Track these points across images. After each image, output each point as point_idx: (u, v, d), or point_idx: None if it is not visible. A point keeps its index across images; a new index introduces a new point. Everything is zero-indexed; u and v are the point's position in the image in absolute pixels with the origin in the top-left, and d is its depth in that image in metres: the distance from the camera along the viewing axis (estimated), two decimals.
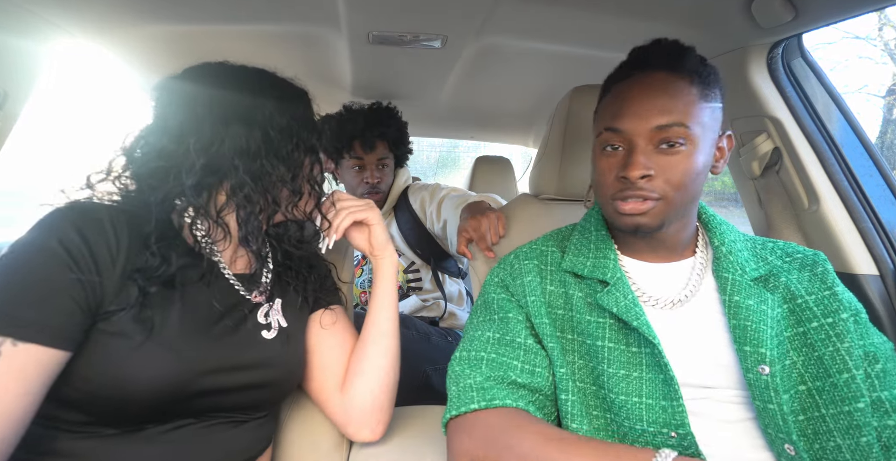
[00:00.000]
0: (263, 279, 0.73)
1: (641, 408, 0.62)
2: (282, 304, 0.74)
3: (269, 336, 0.69)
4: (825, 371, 0.62)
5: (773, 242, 0.75)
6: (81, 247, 0.53)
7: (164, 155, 0.62)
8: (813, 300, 0.65)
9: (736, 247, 0.70)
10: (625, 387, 0.63)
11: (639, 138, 0.63)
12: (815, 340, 0.63)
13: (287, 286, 0.77)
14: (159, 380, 0.56)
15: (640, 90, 0.64)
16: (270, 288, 0.74)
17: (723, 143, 0.70)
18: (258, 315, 0.70)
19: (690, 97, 0.63)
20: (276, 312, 0.72)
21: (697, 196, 0.68)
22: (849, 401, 0.60)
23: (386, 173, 1.57)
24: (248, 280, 0.71)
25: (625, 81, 0.67)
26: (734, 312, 0.64)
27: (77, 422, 0.56)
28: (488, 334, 0.70)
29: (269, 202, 0.66)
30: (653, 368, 0.63)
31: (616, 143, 0.65)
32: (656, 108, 0.62)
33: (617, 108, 0.65)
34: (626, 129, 0.63)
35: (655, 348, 0.62)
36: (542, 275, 0.74)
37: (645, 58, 0.67)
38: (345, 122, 1.51)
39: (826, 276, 0.68)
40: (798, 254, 0.72)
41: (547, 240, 0.79)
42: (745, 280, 0.66)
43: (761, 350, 0.61)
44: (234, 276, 0.69)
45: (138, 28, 1.10)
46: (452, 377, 0.68)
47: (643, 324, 0.63)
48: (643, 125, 0.62)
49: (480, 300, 0.77)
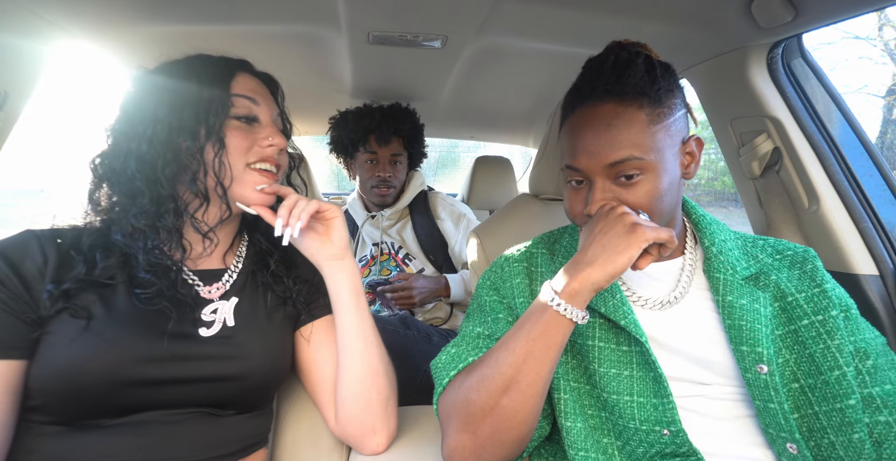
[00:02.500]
0: (224, 278, 0.73)
1: (633, 407, 0.63)
2: (237, 304, 0.72)
3: (207, 333, 0.68)
4: (817, 368, 0.62)
5: (763, 240, 0.75)
6: (6, 269, 0.60)
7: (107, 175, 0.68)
8: (803, 298, 0.66)
9: (726, 247, 0.71)
10: (616, 385, 0.64)
11: (595, 176, 0.64)
12: (806, 338, 0.64)
13: (259, 287, 0.76)
14: (96, 368, 0.60)
15: (589, 126, 0.64)
16: (231, 287, 0.73)
17: (690, 147, 0.69)
18: (204, 311, 0.69)
19: (640, 126, 0.62)
20: (227, 311, 0.71)
21: (675, 203, 0.68)
22: (840, 398, 0.60)
23: (399, 169, 1.59)
24: (211, 276, 0.72)
25: (575, 115, 0.67)
26: (728, 312, 0.65)
27: (40, 422, 0.62)
28: (478, 329, 0.71)
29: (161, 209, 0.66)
30: (642, 367, 0.64)
31: (577, 178, 0.66)
32: (606, 144, 0.62)
33: (570, 145, 0.66)
34: (582, 167, 0.64)
35: (643, 346, 0.63)
36: (532, 276, 0.75)
37: (593, 87, 0.65)
38: (362, 116, 1.55)
39: (815, 273, 0.68)
40: (788, 252, 0.72)
41: (537, 243, 0.80)
42: (737, 279, 0.67)
43: (758, 349, 0.62)
44: (194, 272, 0.71)
45: (138, 28, 1.10)
46: (434, 368, 0.69)
47: (631, 323, 0.63)
48: (596, 163, 0.63)
49: (474, 303, 0.78)
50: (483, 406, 0.59)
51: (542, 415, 0.67)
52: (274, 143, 0.70)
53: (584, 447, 0.63)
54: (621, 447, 0.64)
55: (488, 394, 0.59)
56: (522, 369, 0.58)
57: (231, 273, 0.74)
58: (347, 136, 1.58)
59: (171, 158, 0.65)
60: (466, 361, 0.66)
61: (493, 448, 0.60)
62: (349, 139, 1.58)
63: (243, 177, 0.68)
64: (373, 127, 1.53)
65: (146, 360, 0.62)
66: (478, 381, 0.61)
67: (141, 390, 0.62)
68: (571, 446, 0.63)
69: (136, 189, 0.65)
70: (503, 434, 0.59)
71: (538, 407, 0.61)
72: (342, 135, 1.60)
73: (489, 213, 2.34)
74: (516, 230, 1.02)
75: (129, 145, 0.66)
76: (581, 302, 0.59)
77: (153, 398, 0.63)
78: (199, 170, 0.66)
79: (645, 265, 0.60)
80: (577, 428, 0.64)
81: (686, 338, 0.66)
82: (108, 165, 0.67)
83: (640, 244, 0.57)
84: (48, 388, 0.60)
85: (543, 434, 0.69)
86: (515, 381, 0.58)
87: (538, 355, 0.58)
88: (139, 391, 0.62)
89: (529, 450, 0.68)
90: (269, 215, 0.69)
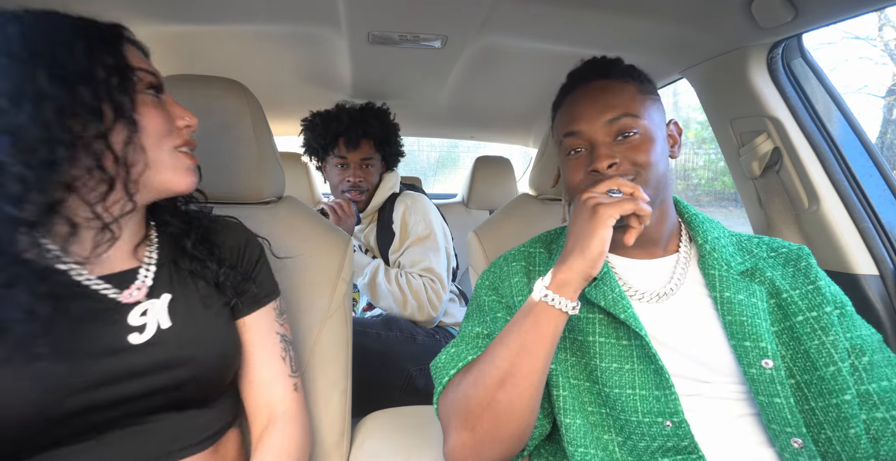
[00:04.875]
0: (140, 275, 0.63)
1: (635, 400, 0.63)
2: (172, 300, 0.63)
3: (139, 340, 0.58)
4: (812, 364, 0.63)
5: (758, 238, 0.76)
6: None
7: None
8: (798, 294, 0.67)
9: (720, 244, 0.72)
10: (618, 380, 0.64)
11: (596, 135, 0.68)
12: (802, 334, 0.64)
13: (188, 276, 0.67)
14: (20, 410, 0.50)
15: (585, 96, 0.71)
16: (155, 283, 0.63)
17: (671, 130, 0.75)
18: (130, 316, 0.59)
19: (630, 93, 0.70)
20: (159, 311, 0.62)
21: (668, 179, 0.71)
22: (836, 394, 0.61)
23: (370, 173, 1.57)
24: (122, 278, 0.61)
25: (570, 94, 0.73)
26: (727, 308, 0.65)
27: None
28: (477, 329, 0.71)
29: (23, 207, 0.50)
30: (643, 360, 0.65)
31: (578, 145, 0.70)
32: (603, 105, 0.69)
33: (569, 115, 0.72)
34: (583, 129, 0.69)
35: (643, 340, 0.63)
36: (530, 275, 0.76)
37: (582, 74, 0.75)
38: (330, 119, 1.52)
39: (809, 271, 0.69)
40: (783, 249, 0.73)
41: (535, 243, 0.81)
42: (732, 275, 0.68)
43: (762, 344, 0.62)
44: (98, 279, 0.59)
45: (138, 28, 1.09)
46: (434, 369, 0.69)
47: (630, 316, 0.64)
48: (596, 122, 0.68)
49: (473, 304, 0.78)
50: (480, 401, 0.60)
51: (542, 413, 0.68)
52: (191, 124, 0.63)
53: (583, 443, 0.63)
54: (622, 443, 0.64)
55: (485, 389, 0.60)
56: (516, 362, 0.59)
57: (147, 267, 0.64)
58: (316, 140, 1.56)
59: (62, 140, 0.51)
60: (465, 360, 0.66)
61: (492, 444, 0.60)
62: (318, 143, 1.56)
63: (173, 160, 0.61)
64: (341, 130, 1.51)
65: (78, 390, 0.53)
66: (475, 378, 0.62)
67: (86, 416, 0.54)
68: (571, 443, 0.64)
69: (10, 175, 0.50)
70: (500, 429, 0.60)
71: (535, 400, 0.61)
72: (311, 139, 1.59)
73: (489, 213, 2.34)
74: (516, 230, 1.02)
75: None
76: (570, 292, 0.60)
77: (103, 420, 0.56)
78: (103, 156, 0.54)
79: (631, 239, 0.61)
80: (576, 424, 0.64)
81: (684, 335, 0.67)
82: None
83: (605, 222, 0.58)
84: None
85: (544, 432, 0.69)
86: (510, 375, 0.59)
87: (531, 347, 0.59)
88: (84, 418, 0.54)
89: (529, 449, 0.68)
90: None
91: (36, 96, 0.50)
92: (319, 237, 0.97)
